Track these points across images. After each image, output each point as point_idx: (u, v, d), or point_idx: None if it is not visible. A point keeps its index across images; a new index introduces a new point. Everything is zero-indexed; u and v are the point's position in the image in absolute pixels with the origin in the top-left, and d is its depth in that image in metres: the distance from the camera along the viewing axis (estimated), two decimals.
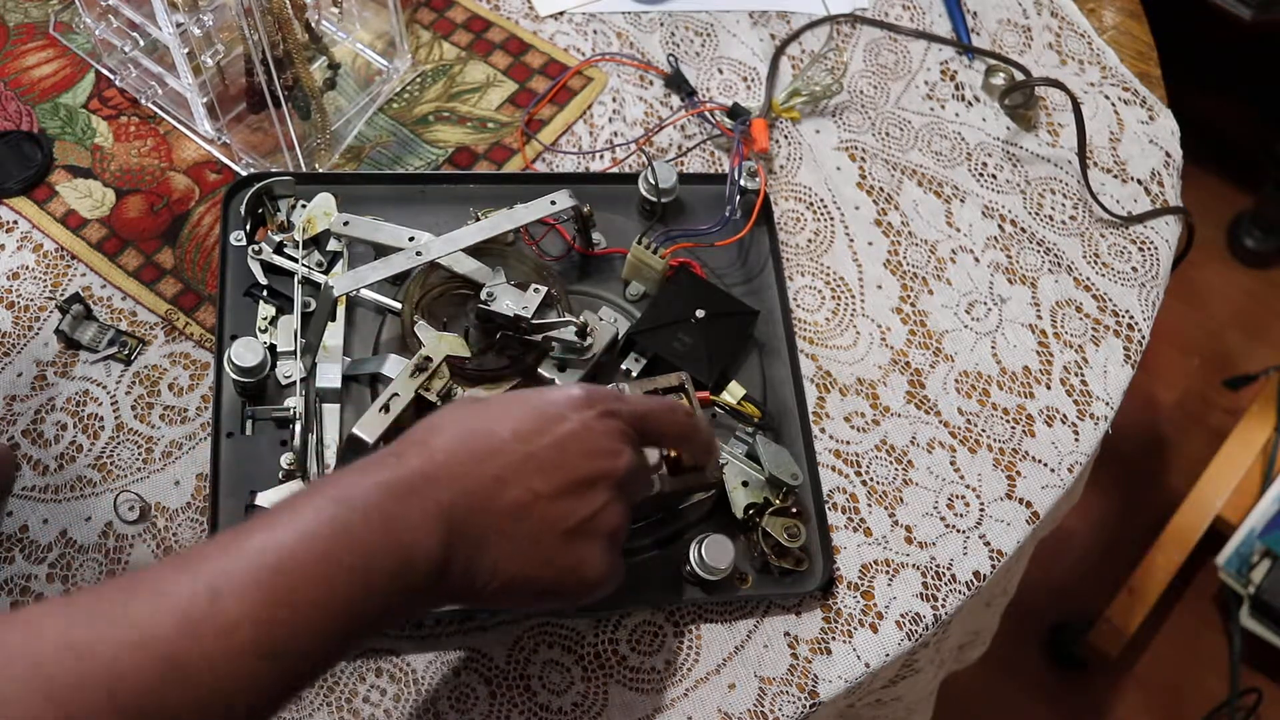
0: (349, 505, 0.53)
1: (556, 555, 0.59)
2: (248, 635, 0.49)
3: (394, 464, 0.56)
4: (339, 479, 0.55)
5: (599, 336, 0.79)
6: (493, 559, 0.57)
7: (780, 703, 0.74)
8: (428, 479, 0.56)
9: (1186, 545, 1.68)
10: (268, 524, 0.52)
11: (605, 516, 0.60)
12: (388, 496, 0.54)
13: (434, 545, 0.54)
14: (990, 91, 1.01)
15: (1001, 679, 1.64)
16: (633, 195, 0.88)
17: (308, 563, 0.51)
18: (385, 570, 0.53)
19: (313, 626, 0.51)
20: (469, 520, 0.56)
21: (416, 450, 0.57)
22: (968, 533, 0.81)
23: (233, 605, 0.49)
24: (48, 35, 0.97)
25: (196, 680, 0.47)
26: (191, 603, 0.48)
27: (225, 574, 0.50)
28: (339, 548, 0.52)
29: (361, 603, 0.52)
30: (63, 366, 0.82)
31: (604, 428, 0.61)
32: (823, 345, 0.87)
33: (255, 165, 0.90)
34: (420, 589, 0.55)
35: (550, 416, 0.60)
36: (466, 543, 0.56)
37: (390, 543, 0.53)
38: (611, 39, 1.01)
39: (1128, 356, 0.89)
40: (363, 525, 0.53)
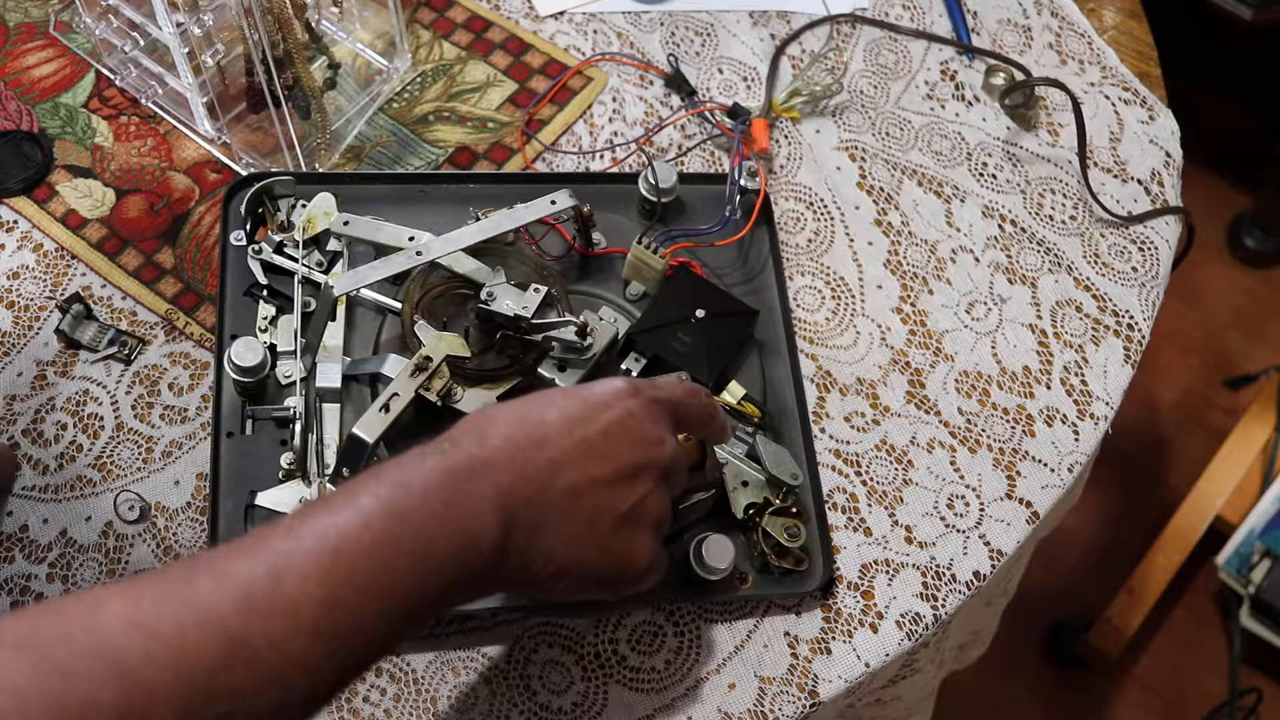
0: (408, 489, 0.54)
1: (610, 541, 0.60)
2: (308, 616, 0.49)
3: (451, 450, 0.57)
4: (399, 463, 0.56)
5: (599, 336, 0.79)
6: (549, 543, 0.58)
7: (780, 703, 0.74)
8: (485, 464, 0.56)
9: (1186, 545, 1.68)
10: (328, 507, 0.53)
11: (652, 504, 0.61)
12: (447, 480, 0.55)
13: (493, 528, 0.55)
14: (990, 91, 1.01)
15: (1001, 679, 1.64)
16: (633, 195, 0.88)
17: (368, 544, 0.52)
18: (444, 553, 0.54)
19: (373, 608, 0.51)
20: (526, 504, 0.57)
21: (472, 438, 0.58)
22: (968, 533, 0.81)
23: (294, 586, 0.49)
24: (48, 35, 0.97)
25: (259, 658, 0.48)
26: (253, 583, 0.49)
27: (287, 555, 0.50)
28: (398, 530, 0.53)
29: (421, 585, 0.53)
30: (63, 366, 0.82)
31: (648, 415, 0.62)
32: (823, 345, 0.87)
33: (255, 165, 0.90)
34: (479, 573, 0.55)
35: (598, 405, 0.61)
36: (524, 526, 0.57)
37: (450, 526, 0.54)
38: (611, 39, 1.01)
39: (1128, 356, 0.89)
40: (422, 509, 0.54)
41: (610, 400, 0.61)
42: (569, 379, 0.78)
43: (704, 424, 0.68)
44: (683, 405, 0.65)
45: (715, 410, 0.69)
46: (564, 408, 0.60)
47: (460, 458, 0.56)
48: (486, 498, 0.55)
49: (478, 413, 0.61)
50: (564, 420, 0.60)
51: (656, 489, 0.62)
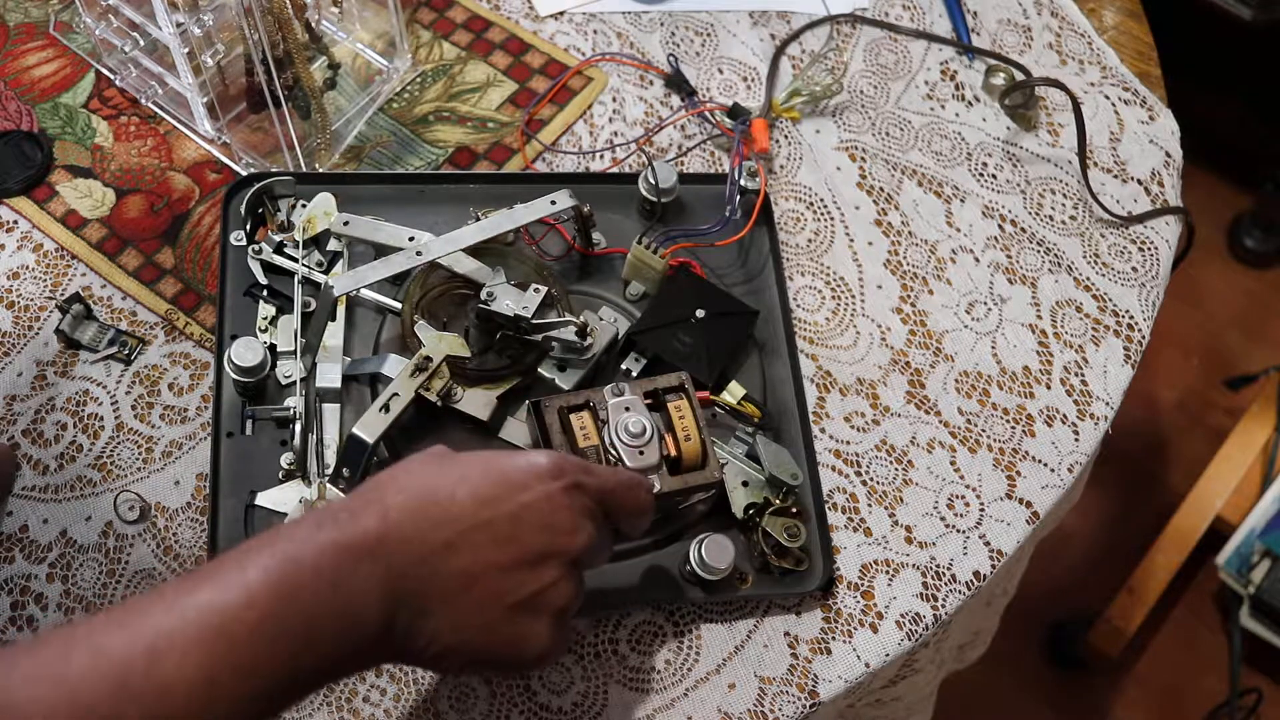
0: (299, 565, 0.53)
1: (499, 627, 0.58)
2: (183, 697, 0.49)
3: (347, 522, 0.55)
4: (291, 534, 0.55)
5: (599, 336, 0.79)
6: (434, 626, 0.56)
7: (780, 703, 0.74)
8: (380, 541, 0.55)
9: (1186, 545, 1.68)
10: (213, 580, 0.52)
11: (554, 593, 0.59)
12: (339, 559, 0.54)
13: (378, 611, 0.54)
14: (990, 91, 1.01)
15: (1001, 679, 1.64)
16: (633, 195, 0.88)
17: (251, 625, 0.51)
18: (328, 634, 0.53)
19: (251, 689, 0.51)
20: (415, 588, 0.55)
21: (372, 510, 0.56)
22: (968, 533, 0.81)
23: (172, 667, 0.49)
24: (48, 35, 0.97)
25: None
26: (128, 664, 0.48)
27: (167, 635, 0.49)
28: (284, 611, 0.52)
29: (302, 664, 0.52)
30: (63, 366, 0.82)
31: (566, 502, 0.59)
32: (823, 345, 0.87)
33: (255, 165, 0.90)
34: (362, 651, 0.55)
35: (513, 485, 0.58)
36: (410, 609, 0.55)
37: (336, 607, 0.53)
38: (611, 39, 1.01)
39: (1128, 356, 0.89)
40: (310, 589, 0.53)
41: (529, 481, 0.59)
42: (569, 379, 0.78)
43: (632, 519, 0.65)
44: (614, 496, 0.62)
45: (649, 508, 0.66)
46: (476, 485, 0.58)
47: (356, 534, 0.55)
48: (375, 579, 0.54)
49: (388, 473, 0.59)
50: (473, 500, 0.57)
51: (563, 578, 0.59)
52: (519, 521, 0.58)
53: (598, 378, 0.80)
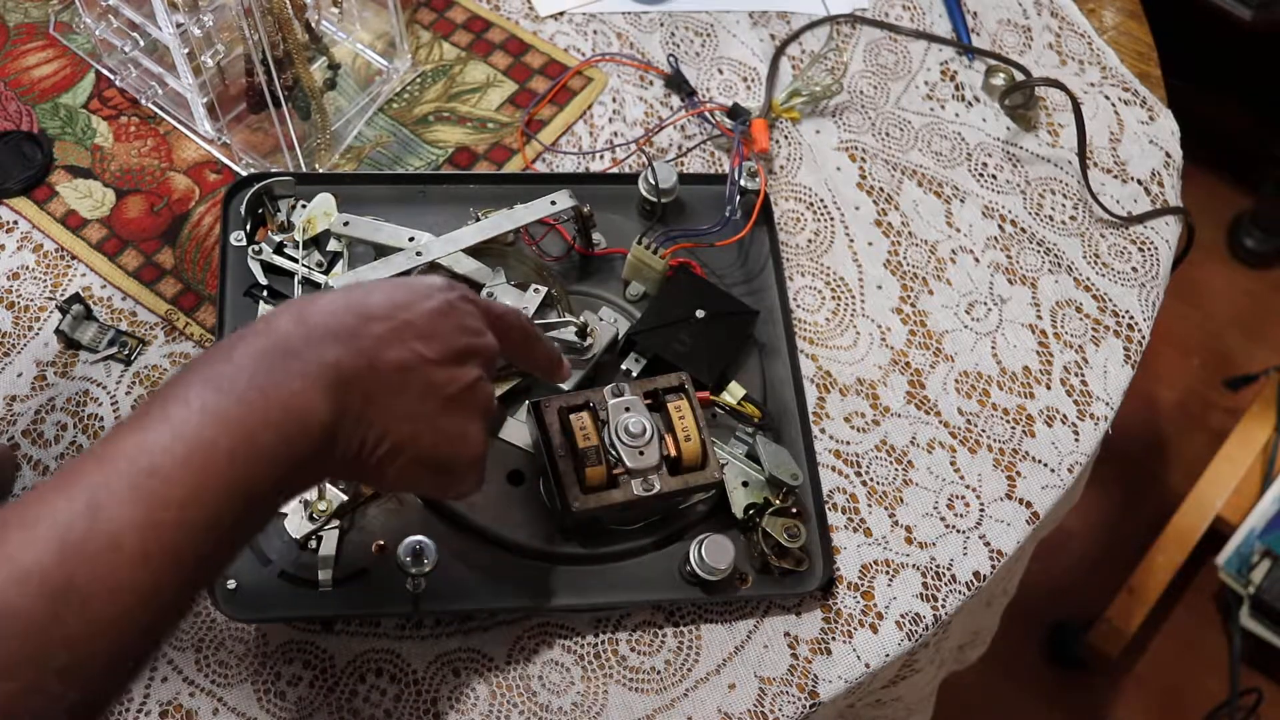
0: (219, 385, 0.51)
1: (442, 420, 0.58)
2: (135, 544, 0.47)
3: (264, 329, 0.54)
4: (208, 358, 0.53)
5: (599, 336, 0.79)
6: (383, 419, 0.55)
7: (780, 703, 0.74)
8: (307, 339, 0.53)
9: (1186, 545, 1.68)
10: (138, 424, 0.50)
11: (480, 390, 0.60)
12: (263, 363, 0.52)
13: (322, 405, 0.52)
14: (990, 92, 1.01)
15: (1001, 679, 1.64)
16: (633, 195, 0.88)
17: (182, 457, 0.49)
18: (269, 444, 0.51)
19: (201, 520, 0.49)
20: (357, 377, 0.54)
21: (289, 316, 0.55)
22: (968, 533, 0.81)
23: (114, 517, 0.47)
24: (48, 35, 0.97)
25: (90, 602, 0.46)
26: (70, 525, 0.47)
27: (102, 486, 0.48)
28: (214, 434, 0.50)
29: (248, 484, 0.50)
30: (63, 366, 0.82)
31: (468, 309, 0.61)
32: (823, 345, 0.87)
33: (255, 165, 0.90)
34: (309, 457, 0.53)
35: (420, 292, 0.59)
36: (356, 400, 0.54)
37: (271, 413, 0.51)
38: (611, 39, 1.01)
39: (1128, 357, 0.89)
40: (238, 403, 0.50)
41: (431, 291, 0.60)
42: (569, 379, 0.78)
43: (524, 343, 0.67)
44: (502, 318, 0.64)
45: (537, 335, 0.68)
46: (388, 292, 0.58)
47: (276, 338, 0.53)
48: (311, 375, 0.52)
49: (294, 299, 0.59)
50: (389, 303, 0.57)
51: (483, 378, 0.60)
52: (435, 322, 0.58)
53: (598, 378, 0.80)
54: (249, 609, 0.71)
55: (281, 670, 0.73)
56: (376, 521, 0.74)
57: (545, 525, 0.75)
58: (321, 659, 0.73)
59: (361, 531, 0.74)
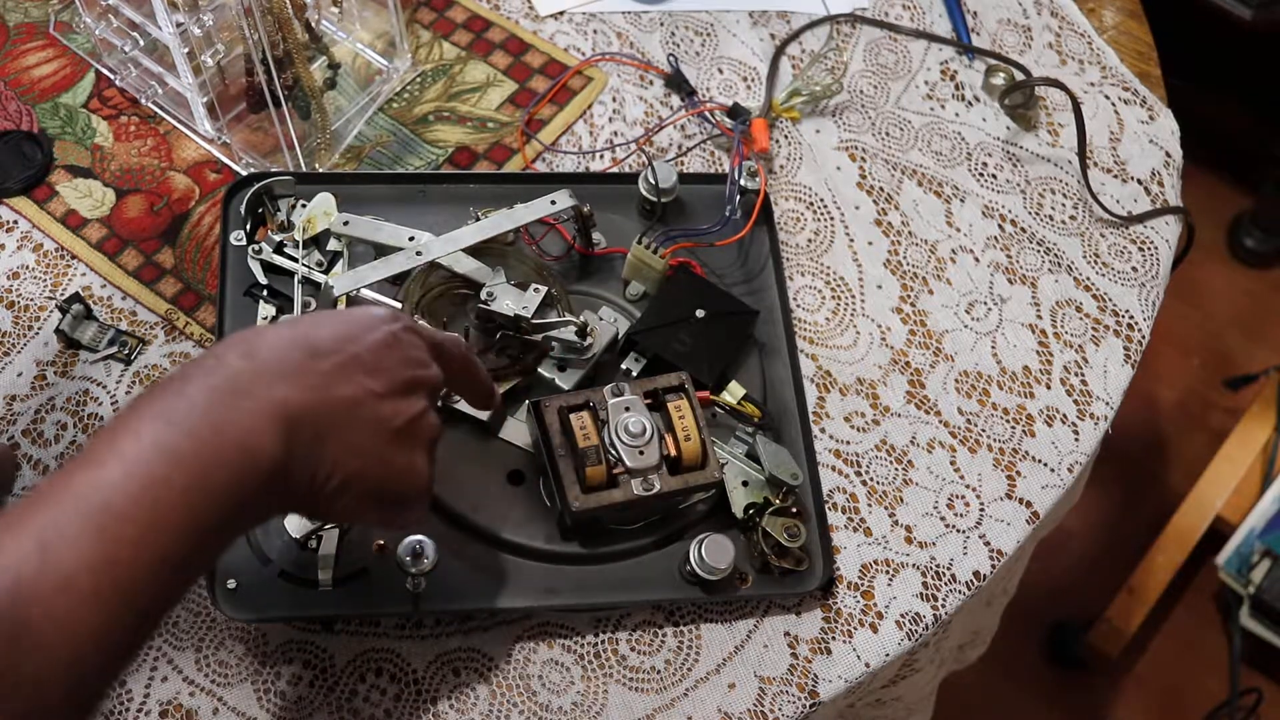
0: (170, 420, 0.51)
1: (391, 453, 0.58)
2: (87, 584, 0.47)
3: (214, 366, 0.54)
4: (158, 392, 0.53)
5: (599, 336, 0.79)
6: (334, 453, 0.56)
7: (780, 703, 0.74)
8: (256, 376, 0.54)
9: (1186, 545, 1.68)
10: (90, 460, 0.50)
11: (426, 422, 0.61)
12: (214, 399, 0.52)
13: (273, 444, 0.53)
14: (990, 91, 1.01)
15: (1001, 679, 1.64)
16: (633, 195, 0.88)
17: (135, 493, 0.49)
18: (222, 481, 0.51)
19: (154, 558, 0.49)
20: (306, 414, 0.54)
21: (238, 352, 0.55)
22: (968, 533, 0.81)
23: (66, 556, 0.47)
24: (48, 35, 0.97)
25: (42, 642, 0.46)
26: (22, 563, 0.46)
27: (54, 525, 0.47)
28: (166, 469, 0.50)
29: (201, 520, 0.50)
30: (63, 366, 0.82)
31: (411, 340, 0.61)
32: (823, 345, 0.87)
33: (255, 165, 0.90)
34: (261, 493, 0.53)
35: (364, 325, 0.60)
36: (306, 436, 0.54)
37: (224, 450, 0.51)
38: (611, 39, 1.01)
39: (1128, 356, 0.89)
40: (190, 439, 0.51)
41: (374, 324, 0.60)
42: (569, 379, 0.78)
43: (463, 373, 0.67)
44: (443, 347, 0.64)
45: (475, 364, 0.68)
46: (332, 327, 0.59)
47: (226, 375, 0.53)
48: (261, 413, 0.52)
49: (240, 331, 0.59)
50: (334, 337, 0.58)
51: (429, 409, 0.61)
52: (380, 355, 0.59)
53: (598, 378, 0.80)
54: (249, 609, 0.71)
55: (281, 670, 0.73)
56: None
57: (545, 525, 0.75)
58: (321, 659, 0.73)
59: (361, 531, 0.74)
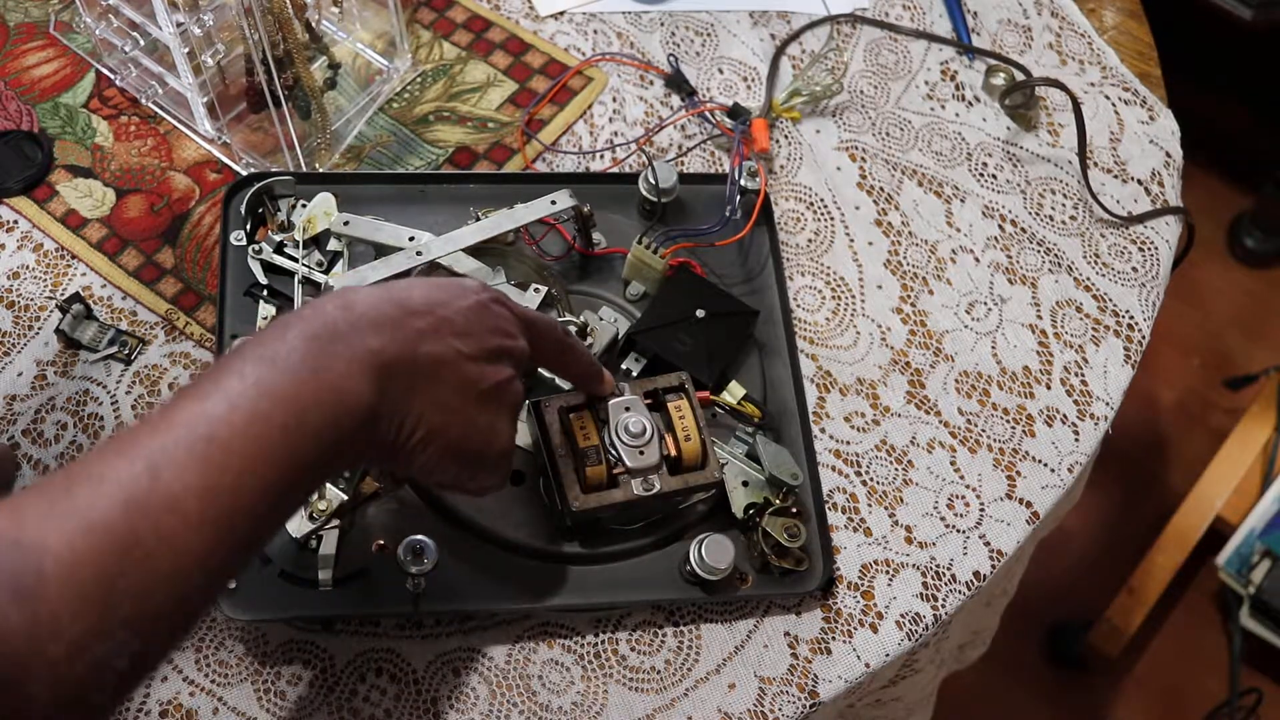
0: (273, 363, 0.54)
1: (475, 413, 0.60)
2: (193, 507, 0.49)
3: (312, 315, 0.56)
4: (262, 337, 0.56)
5: (599, 336, 0.79)
6: (420, 405, 0.58)
7: (780, 703, 0.74)
8: (353, 326, 0.56)
9: (1186, 545, 1.68)
10: (196, 394, 0.52)
11: (511, 389, 0.62)
12: (313, 346, 0.55)
13: (365, 389, 0.55)
14: (990, 91, 1.01)
15: (1001, 679, 1.64)
16: (633, 195, 0.88)
17: (239, 427, 0.51)
18: (317, 421, 0.53)
19: (255, 488, 0.51)
20: (397, 365, 0.57)
21: (336, 304, 0.57)
22: (968, 533, 0.81)
23: (174, 480, 0.49)
24: (48, 35, 0.97)
25: (151, 558, 0.48)
26: (133, 484, 0.49)
27: (160, 450, 0.50)
28: (268, 407, 0.52)
29: (298, 457, 0.53)
30: (63, 366, 0.82)
31: (500, 311, 0.63)
32: (823, 345, 0.87)
33: (255, 165, 0.90)
34: (353, 437, 0.55)
35: (455, 293, 0.62)
36: (397, 386, 0.57)
37: (320, 392, 0.54)
38: (612, 39, 1.01)
39: (1128, 356, 0.89)
40: (290, 380, 0.53)
41: (465, 293, 0.62)
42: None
43: (558, 350, 0.68)
44: (535, 324, 0.66)
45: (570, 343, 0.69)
46: (427, 290, 0.61)
47: (325, 322, 0.56)
48: (356, 359, 0.55)
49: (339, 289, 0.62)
50: (427, 300, 0.60)
51: (515, 377, 0.63)
52: (470, 321, 0.61)
53: None
54: (249, 608, 0.71)
55: (281, 670, 0.73)
56: (376, 521, 0.74)
57: (545, 525, 0.75)
58: (321, 659, 0.73)
59: (361, 531, 0.74)
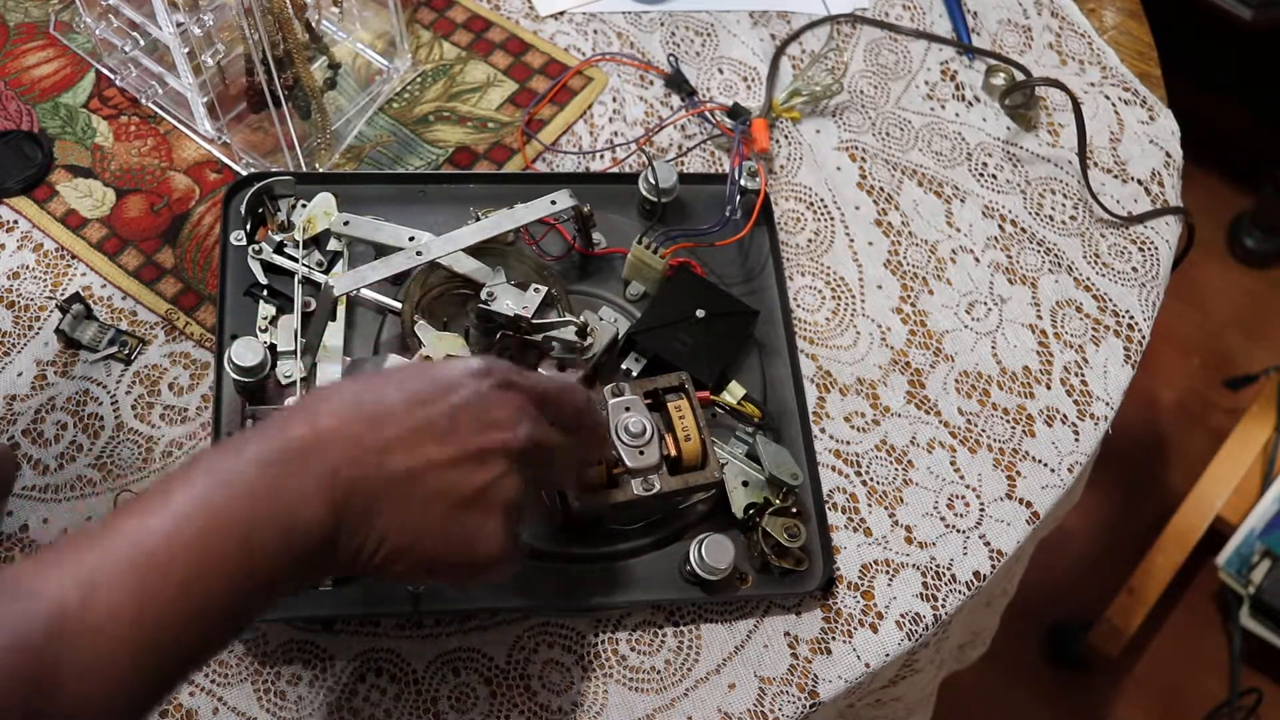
0: (226, 481, 0.51)
1: (448, 526, 0.57)
2: (125, 631, 0.47)
3: (275, 433, 0.54)
4: (216, 454, 0.53)
5: (599, 336, 0.79)
6: (382, 526, 0.55)
7: (780, 703, 0.74)
8: (314, 446, 0.54)
9: (1186, 545, 1.68)
10: (141, 509, 0.50)
11: (501, 488, 0.57)
12: (270, 467, 0.52)
13: (322, 514, 0.53)
14: (990, 91, 1.01)
15: (1001, 679, 1.64)
16: (633, 195, 0.88)
17: (180, 548, 0.49)
18: (268, 545, 0.51)
19: (193, 614, 0.49)
20: (358, 487, 0.54)
21: (301, 417, 0.55)
22: (968, 533, 0.81)
23: (106, 602, 0.47)
24: (48, 35, 0.97)
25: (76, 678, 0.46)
26: (63, 603, 0.47)
27: (98, 568, 0.48)
28: (216, 527, 0.50)
29: (242, 581, 0.51)
30: (63, 366, 0.82)
31: (499, 399, 0.58)
32: (823, 345, 0.87)
33: (255, 165, 0.90)
34: (307, 561, 0.53)
35: (444, 385, 0.58)
36: (356, 510, 0.54)
37: (275, 516, 0.51)
38: (612, 39, 1.01)
39: (1128, 356, 0.89)
40: (242, 501, 0.51)
41: (459, 381, 0.58)
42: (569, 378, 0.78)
43: (574, 422, 0.63)
44: (547, 397, 0.61)
45: (588, 412, 0.64)
46: (407, 386, 0.57)
47: (284, 441, 0.53)
48: (312, 483, 0.53)
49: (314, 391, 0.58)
50: (405, 400, 0.56)
51: (508, 474, 0.58)
52: (455, 419, 0.57)
53: (598, 378, 0.80)
54: None
55: (281, 670, 0.73)
56: None
57: (545, 525, 0.75)
58: (321, 659, 0.73)
59: None
